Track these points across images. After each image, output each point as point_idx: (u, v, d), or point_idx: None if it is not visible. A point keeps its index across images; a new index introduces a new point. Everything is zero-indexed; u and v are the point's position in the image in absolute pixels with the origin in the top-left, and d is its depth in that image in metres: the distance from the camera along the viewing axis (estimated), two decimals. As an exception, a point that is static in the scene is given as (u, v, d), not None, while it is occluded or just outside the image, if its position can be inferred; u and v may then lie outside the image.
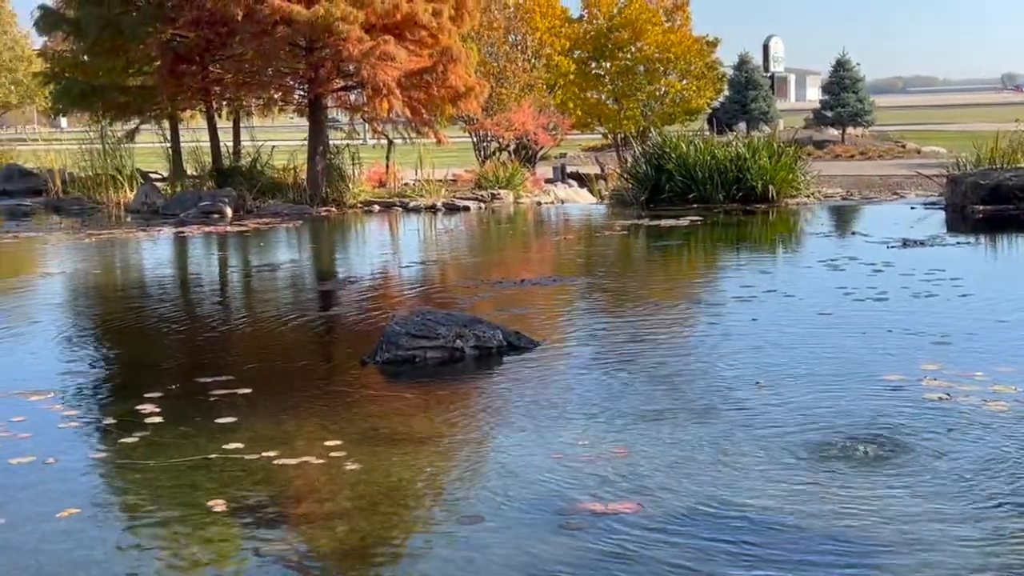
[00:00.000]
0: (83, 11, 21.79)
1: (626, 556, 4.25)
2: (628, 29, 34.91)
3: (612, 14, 35.41)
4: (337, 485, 5.18)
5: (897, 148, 42.59)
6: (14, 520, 4.80)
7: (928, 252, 12.40)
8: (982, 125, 37.67)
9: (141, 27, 21.04)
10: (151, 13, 20.98)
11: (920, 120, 63.24)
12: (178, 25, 20.53)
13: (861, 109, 47.82)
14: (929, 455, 5.34)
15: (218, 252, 15.58)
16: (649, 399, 6.56)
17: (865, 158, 39.49)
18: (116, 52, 21.74)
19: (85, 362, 8.57)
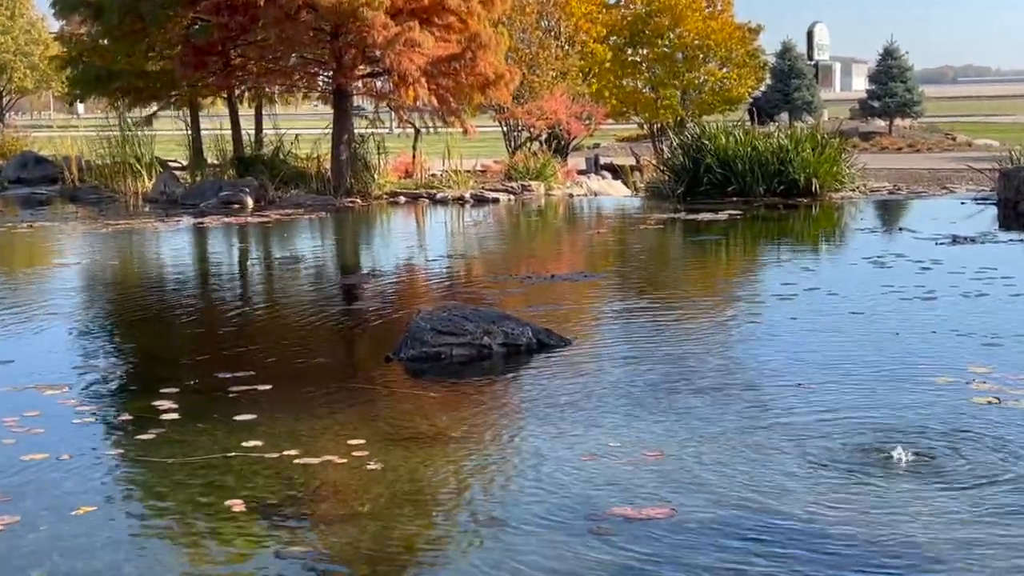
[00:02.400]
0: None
1: (657, 565, 4.24)
2: (667, 15, 34.79)
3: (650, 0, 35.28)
4: (359, 485, 5.19)
5: (947, 140, 42.27)
6: (29, 518, 4.83)
7: (979, 249, 12.32)
8: (1036, 118, 37.33)
9: (162, 11, 21.16)
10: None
11: (971, 111, 62.66)
12: (199, 9, 20.64)
13: (910, 99, 47.48)
14: (976, 460, 5.30)
15: (238, 244, 15.64)
16: (685, 401, 6.54)
17: (913, 151, 39.23)
18: (136, 36, 21.87)
19: (101, 355, 8.64)
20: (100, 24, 22.64)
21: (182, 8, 21.04)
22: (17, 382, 7.29)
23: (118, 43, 22.43)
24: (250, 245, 15.49)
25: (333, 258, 14.59)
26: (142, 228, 17.19)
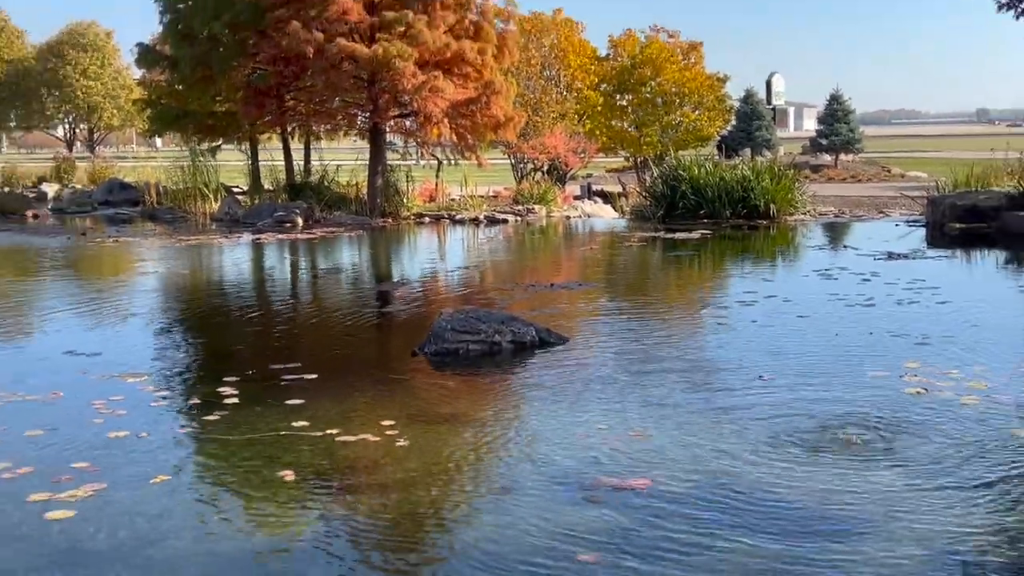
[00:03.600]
0: (179, 50, 22.02)
1: (643, 525, 4.24)
2: (649, 66, 34.84)
3: (635, 53, 35.35)
4: (391, 459, 5.19)
5: (883, 172, 42.24)
6: (114, 484, 4.84)
7: (910, 264, 12.30)
8: (958, 153, 37.39)
9: (227, 62, 21.24)
10: (235, 51, 21.15)
11: (904, 148, 62.69)
12: (258, 60, 20.70)
13: (852, 138, 47.56)
14: (908, 442, 5.30)
15: (289, 256, 15.66)
16: (663, 390, 6.54)
17: (855, 181, 39.16)
18: (205, 83, 21.95)
19: (174, 349, 8.66)
20: (176, 73, 22.75)
21: (244, 59, 21.12)
22: (104, 371, 7.30)
23: (191, 89, 22.50)
24: (299, 257, 15.51)
25: (369, 268, 14.61)
26: (209, 243, 17.22)
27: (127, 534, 4.27)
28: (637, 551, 3.99)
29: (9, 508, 4.56)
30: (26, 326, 9.95)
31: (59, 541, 4.21)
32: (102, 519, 4.42)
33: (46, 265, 14.74)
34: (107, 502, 4.62)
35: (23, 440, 5.57)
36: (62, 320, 10.09)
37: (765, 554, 3.95)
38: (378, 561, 4.04)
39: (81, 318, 10.21)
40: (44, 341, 9.00)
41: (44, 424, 5.86)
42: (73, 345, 8.32)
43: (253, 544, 4.22)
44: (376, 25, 19.61)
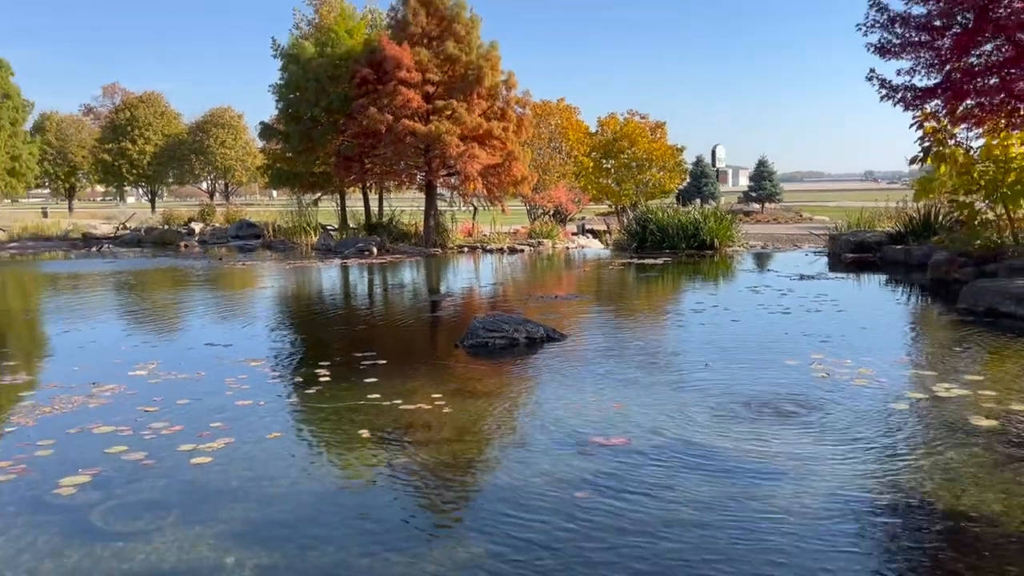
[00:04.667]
0: (289, 127, 22.20)
1: (621, 471, 4.22)
2: (626, 140, 34.88)
3: (616, 130, 35.37)
4: (439, 422, 5.18)
5: (797, 216, 42.08)
6: (240, 439, 4.86)
7: (816, 283, 12.20)
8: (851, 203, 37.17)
9: (324, 136, 21.39)
10: (329, 128, 21.32)
11: (811, 199, 62.36)
12: (346, 135, 20.84)
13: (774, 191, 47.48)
14: (815, 412, 5.25)
15: (367, 275, 15.70)
16: (635, 373, 6.51)
17: (776, 223, 39.00)
18: (309, 152, 22.13)
19: (284, 342, 8.69)
20: (287, 144, 22.92)
21: (336, 135, 21.28)
22: (234, 358, 7.34)
23: (298, 155, 22.68)
24: (374, 276, 15.55)
25: (423, 284, 14.63)
26: (309, 266, 17.28)
27: (248, 475, 4.27)
28: (618, 489, 3.97)
29: (165, 454, 4.57)
30: (178, 324, 10.02)
31: (200, 479, 4.22)
32: (231, 464, 4.44)
33: (193, 281, 14.84)
34: (234, 451, 4.64)
35: (176, 406, 5.60)
36: (204, 320, 10.15)
37: (711, 491, 3.92)
38: (426, 494, 4.04)
39: (218, 319, 10.26)
40: (191, 336, 9.04)
41: (191, 395, 5.90)
42: (212, 339, 8.37)
43: (338, 483, 4.22)
44: (430, 110, 19.71)
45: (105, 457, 4.53)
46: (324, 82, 21.06)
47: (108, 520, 3.70)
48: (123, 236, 26.64)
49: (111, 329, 9.54)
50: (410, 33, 20.01)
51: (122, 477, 4.23)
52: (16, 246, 24.58)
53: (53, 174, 54.61)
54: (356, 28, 22.45)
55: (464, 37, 20.17)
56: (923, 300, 10.81)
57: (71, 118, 57.93)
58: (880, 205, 18.99)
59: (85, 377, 6.49)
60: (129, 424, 5.14)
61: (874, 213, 18.69)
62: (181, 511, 3.79)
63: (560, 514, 3.70)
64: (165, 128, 54.42)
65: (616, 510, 3.74)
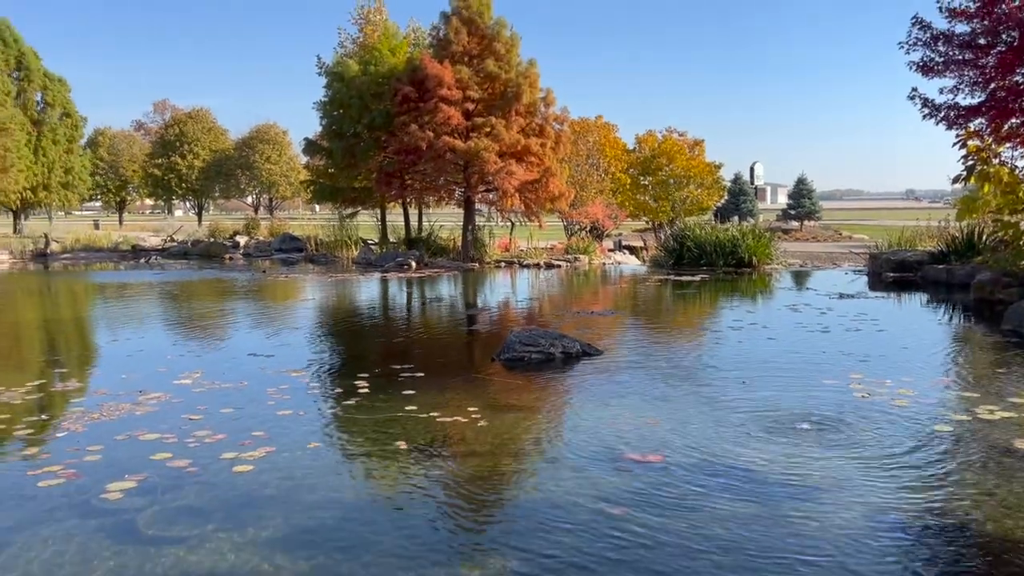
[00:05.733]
0: (333, 143, 22.53)
1: (657, 488, 4.18)
2: (664, 157, 34.72)
3: (654, 147, 35.25)
4: (475, 435, 5.19)
5: (836, 235, 41.41)
6: (280, 448, 4.91)
7: (856, 302, 12.00)
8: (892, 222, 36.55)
9: (366, 153, 21.66)
10: (372, 144, 21.58)
11: (851, 218, 61.39)
12: (387, 152, 21.07)
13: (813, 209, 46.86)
14: (854, 432, 5.15)
15: (406, 289, 15.82)
16: (673, 389, 6.46)
17: (815, 241, 38.42)
18: (351, 168, 22.42)
19: (324, 353, 8.78)
20: (330, 160, 23.26)
21: (377, 151, 21.52)
22: (276, 368, 7.43)
23: (340, 171, 22.98)
24: (412, 290, 15.65)
25: (461, 298, 14.68)
26: (350, 279, 17.46)
27: (288, 484, 4.31)
28: (653, 507, 3.93)
29: (208, 462, 4.64)
30: (223, 335, 10.17)
31: (242, 487, 4.28)
32: (271, 472, 4.48)
33: (237, 292, 15.08)
34: (275, 460, 4.69)
35: (220, 415, 5.69)
36: (248, 331, 10.30)
37: (746, 509, 3.87)
38: (461, 506, 4.04)
39: (261, 330, 10.41)
40: (235, 346, 9.18)
41: (234, 404, 5.98)
42: (254, 349, 8.49)
43: (375, 494, 4.25)
44: (470, 127, 19.85)
45: (151, 463, 4.61)
46: (367, 99, 21.34)
47: (153, 525, 3.76)
48: (171, 248, 27.19)
49: (158, 338, 9.72)
50: (451, 52, 20.21)
51: (167, 483, 4.30)
52: (69, 257, 25.23)
53: (105, 187, 56.03)
54: (399, 47, 22.74)
55: (504, 55, 20.31)
56: (966, 320, 10.57)
57: (123, 133, 59.47)
58: (921, 224, 18.66)
59: (132, 385, 6.62)
60: (174, 432, 5.24)
61: (915, 232, 18.37)
62: (222, 518, 3.84)
63: (595, 530, 3.68)
64: (212, 143, 55.56)
65: (651, 527, 3.70)
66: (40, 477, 4.38)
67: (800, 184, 48.39)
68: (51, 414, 5.84)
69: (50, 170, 35.87)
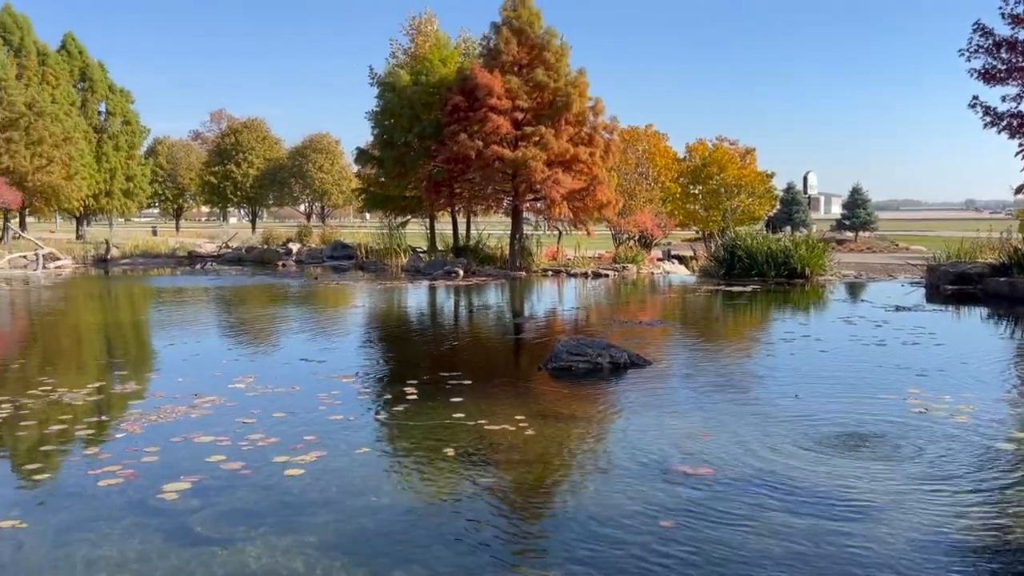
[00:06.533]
0: (383, 152, 22.80)
1: (707, 501, 4.11)
2: (715, 166, 34.36)
3: (705, 156, 34.91)
4: (522, 443, 5.18)
5: (892, 246, 40.45)
6: (331, 454, 4.96)
7: (913, 315, 11.70)
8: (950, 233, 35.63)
9: (416, 162, 21.87)
10: (421, 153, 21.78)
11: (908, 229, 59.96)
12: (436, 161, 21.25)
13: (869, 220, 45.92)
14: (910, 447, 5.01)
15: (454, 297, 15.91)
16: (723, 402, 6.36)
17: (871, 252, 37.58)
18: (401, 177, 22.64)
19: (374, 359, 8.86)
20: (381, 169, 23.53)
21: (427, 160, 21.72)
22: (327, 373, 7.52)
23: (391, 180, 23.21)
24: (460, 298, 15.73)
25: (508, 306, 14.70)
26: (400, 286, 17.63)
27: (337, 488, 4.35)
28: (705, 520, 3.87)
29: (260, 465, 4.71)
30: (275, 340, 10.34)
31: (293, 490, 4.33)
32: (321, 477, 4.53)
33: (289, 298, 15.33)
34: (325, 465, 4.73)
35: (272, 419, 5.77)
36: (300, 336, 10.46)
37: (800, 527, 3.78)
38: (508, 515, 4.02)
39: (312, 335, 10.56)
40: (287, 351, 9.30)
41: (286, 408, 6.07)
42: (307, 354, 8.61)
43: (424, 500, 4.26)
44: (519, 136, 19.91)
45: (205, 465, 4.70)
46: (418, 109, 21.56)
47: (206, 526, 3.83)
48: (225, 255, 27.78)
49: (213, 343, 9.93)
50: (501, 61, 20.31)
51: (220, 485, 4.38)
52: (128, 262, 25.97)
53: (163, 195, 57.60)
54: (450, 57, 22.94)
55: (553, 65, 20.34)
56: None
57: (181, 143, 61.15)
58: (982, 235, 18.13)
59: (188, 388, 6.77)
60: (228, 435, 5.33)
61: (975, 243, 17.84)
62: (273, 520, 3.89)
63: (643, 543, 3.63)
64: (267, 152, 56.75)
65: (702, 540, 3.64)
66: (100, 477, 4.50)
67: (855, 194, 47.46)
68: (110, 415, 6.00)
69: (112, 178, 37.02)
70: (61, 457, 4.99)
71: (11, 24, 32.34)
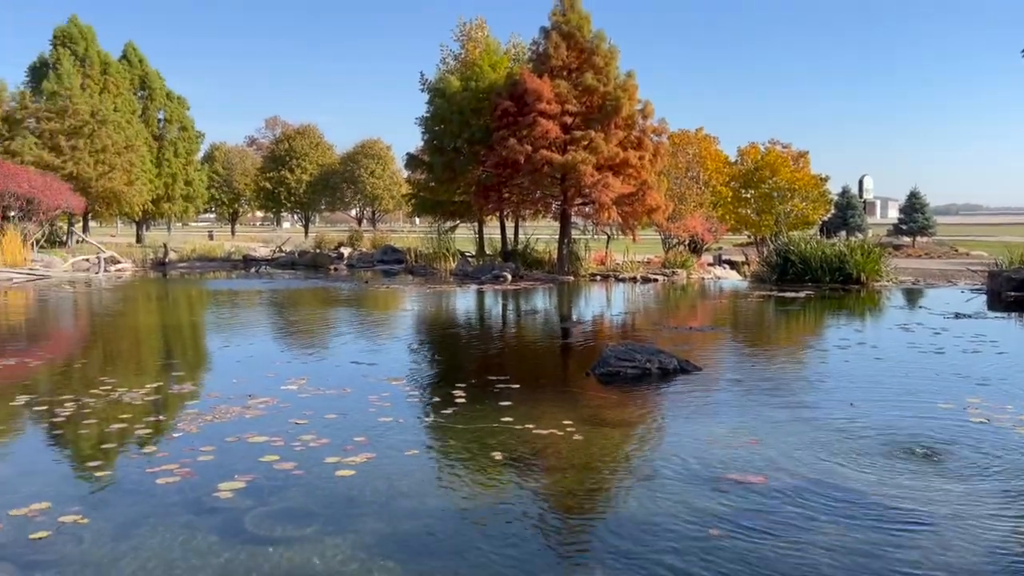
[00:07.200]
0: (433, 157, 23.00)
1: (758, 510, 4.05)
2: (767, 169, 33.89)
3: (757, 159, 34.45)
4: (569, 448, 5.16)
5: (952, 251, 39.32)
6: (380, 455, 5.01)
7: (973, 322, 11.34)
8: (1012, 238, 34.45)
9: (465, 167, 22.01)
10: (471, 158, 21.92)
11: (968, 233, 58.16)
12: (486, 166, 21.35)
13: (927, 224, 44.75)
14: (970, 459, 4.85)
15: (502, 301, 15.94)
16: (775, 409, 6.25)
17: (929, 257, 36.57)
18: (450, 182, 22.81)
19: (423, 362, 8.93)
20: (431, 174, 23.74)
21: (476, 165, 21.84)
22: (378, 375, 7.60)
23: (440, 185, 23.40)
24: (508, 302, 15.76)
25: (555, 311, 14.69)
26: (448, 290, 17.74)
27: (387, 490, 4.39)
28: (755, 530, 3.81)
29: (311, 466, 4.79)
30: (327, 342, 10.50)
31: (344, 491, 4.39)
32: (371, 478, 4.58)
33: (341, 302, 15.55)
34: (375, 466, 4.79)
35: (324, 420, 5.86)
36: (351, 339, 10.60)
37: (853, 538, 3.70)
38: (553, 521, 4.02)
39: (362, 338, 10.69)
40: (339, 353, 9.42)
41: (337, 410, 6.15)
42: (357, 357, 8.72)
43: (471, 503, 4.27)
44: (568, 140, 19.89)
45: (259, 465, 4.79)
46: (467, 115, 21.70)
47: (259, 525, 3.91)
48: (279, 258, 28.32)
49: (266, 345, 10.13)
50: (550, 66, 20.33)
51: (273, 485, 4.46)
52: (185, 266, 26.66)
53: (219, 200, 58.96)
54: (499, 62, 23.04)
55: (602, 68, 20.29)
56: (1099, 344, 9.82)
57: (237, 149, 62.56)
58: (1048, 240, 17.49)
59: (242, 389, 6.91)
60: (281, 435, 5.43)
61: (1041, 248, 17.23)
62: (324, 520, 3.95)
63: (691, 551, 3.59)
64: (319, 158, 57.70)
65: (752, 551, 3.58)
66: (158, 475, 4.62)
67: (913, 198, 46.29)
68: (168, 415, 6.16)
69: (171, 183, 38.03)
70: (121, 455, 5.15)
71: (76, 35, 33.49)
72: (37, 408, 6.30)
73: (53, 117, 29.14)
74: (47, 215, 24.21)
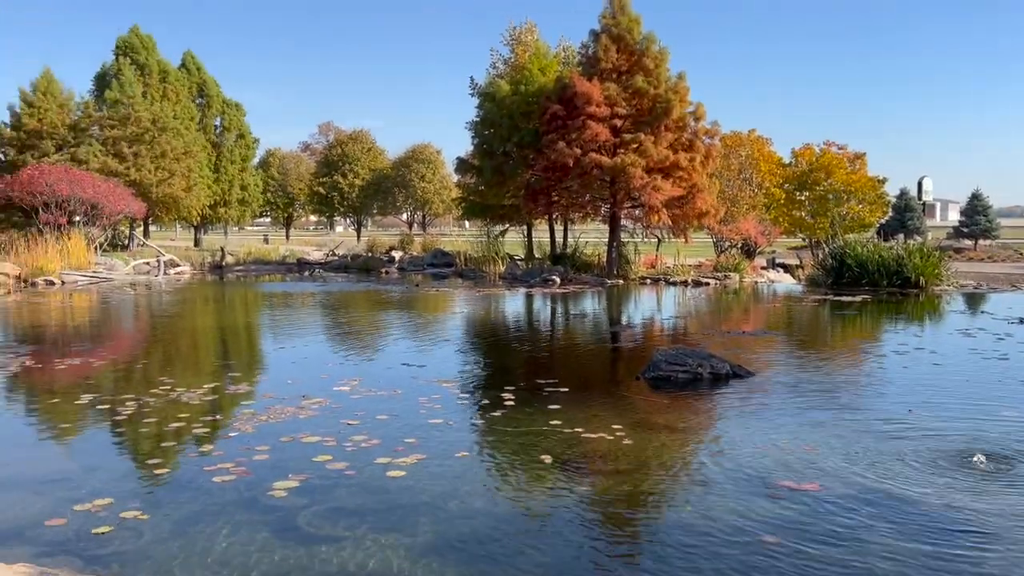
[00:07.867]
0: (483, 162, 23.10)
1: (811, 520, 3.97)
2: (822, 171, 33.18)
3: (812, 161, 33.76)
4: (619, 453, 5.13)
5: (1016, 255, 37.96)
6: (431, 456, 5.05)
7: (1040, 327, 10.94)
8: (1085, 239, 33.10)
9: (514, 171, 22.05)
10: (520, 162, 21.95)
11: (1035, 235, 56.05)
12: (535, 169, 21.36)
13: (990, 227, 43.38)
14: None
15: (551, 304, 15.91)
16: (831, 416, 6.12)
17: (992, 261, 35.37)
18: (500, 186, 22.87)
19: (473, 364, 8.97)
20: (480, 178, 23.82)
21: (525, 169, 21.87)
22: (428, 378, 7.66)
23: (490, 189, 23.46)
24: (557, 305, 15.73)
25: (605, 314, 14.61)
26: (498, 294, 17.78)
27: (436, 491, 4.41)
28: (810, 537, 3.74)
29: (362, 466, 4.84)
30: (379, 344, 10.62)
31: (394, 491, 4.43)
32: (421, 479, 4.61)
33: (392, 304, 15.71)
34: (425, 467, 4.82)
35: (375, 421, 5.93)
36: (401, 341, 10.70)
37: (910, 548, 3.60)
38: (603, 525, 4.00)
39: (413, 340, 10.78)
40: (389, 355, 9.52)
41: (388, 411, 6.22)
42: (408, 359, 8.80)
43: (521, 506, 4.28)
44: (617, 143, 19.79)
45: (312, 465, 4.87)
46: (516, 118, 21.74)
47: (312, 523, 3.98)
48: (332, 262, 28.74)
49: (319, 346, 10.29)
50: (600, 69, 20.26)
51: (326, 484, 4.53)
52: (241, 269, 27.24)
53: (274, 204, 60.13)
54: (549, 66, 23.05)
55: (653, 71, 20.14)
56: None
57: (291, 154, 63.72)
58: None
59: (296, 390, 7.03)
60: (333, 435, 5.51)
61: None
62: (375, 520, 4.00)
63: (744, 558, 3.54)
64: (371, 163, 58.41)
65: (806, 558, 3.51)
66: (215, 473, 4.73)
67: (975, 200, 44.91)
68: (224, 415, 6.30)
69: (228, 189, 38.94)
70: (179, 453, 5.28)
71: (137, 44, 34.51)
72: (100, 407, 6.51)
73: (116, 125, 30.07)
74: (110, 220, 24.99)
